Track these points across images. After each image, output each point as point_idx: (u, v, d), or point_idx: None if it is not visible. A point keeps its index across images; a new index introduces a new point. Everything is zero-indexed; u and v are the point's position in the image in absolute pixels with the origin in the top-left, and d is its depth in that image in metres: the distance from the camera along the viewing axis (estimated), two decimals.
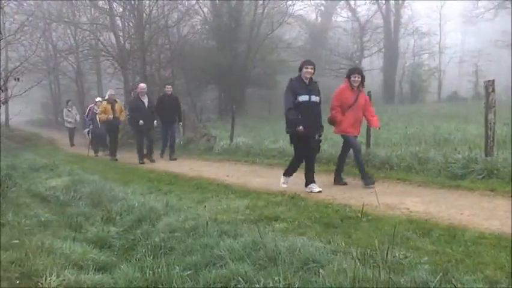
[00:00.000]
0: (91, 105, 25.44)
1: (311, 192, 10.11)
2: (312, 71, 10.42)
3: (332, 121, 11.12)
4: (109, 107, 19.63)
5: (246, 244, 5.72)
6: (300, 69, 10.45)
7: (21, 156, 19.60)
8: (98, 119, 21.47)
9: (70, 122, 29.86)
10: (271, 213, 7.87)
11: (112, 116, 19.58)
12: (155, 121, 18.64)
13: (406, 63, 50.76)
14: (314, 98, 10.38)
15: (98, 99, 24.09)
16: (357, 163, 11.13)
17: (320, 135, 10.73)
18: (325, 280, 4.55)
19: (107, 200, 9.49)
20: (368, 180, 10.57)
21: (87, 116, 25.36)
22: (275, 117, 29.28)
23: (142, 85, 18.63)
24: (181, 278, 5.06)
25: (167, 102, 18.59)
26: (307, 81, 10.36)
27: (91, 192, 10.09)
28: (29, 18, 23.26)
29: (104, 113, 19.66)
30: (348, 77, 11.08)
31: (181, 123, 20.42)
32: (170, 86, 19.51)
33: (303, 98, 10.17)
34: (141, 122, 17.68)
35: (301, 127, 9.96)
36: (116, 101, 20.22)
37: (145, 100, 18.09)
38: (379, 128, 12.13)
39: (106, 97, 20.44)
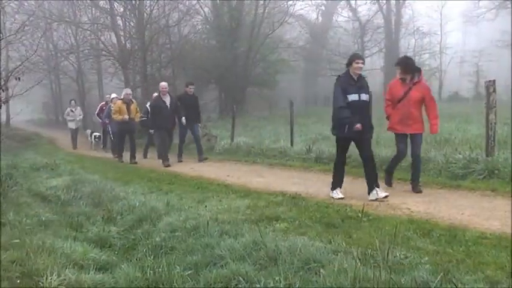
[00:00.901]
0: (102, 103, 25.31)
1: (377, 200, 8.96)
2: (363, 65, 9.53)
3: (386, 116, 10.40)
4: (124, 107, 18.36)
5: (246, 244, 5.72)
6: (349, 64, 9.47)
7: (22, 156, 19.61)
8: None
9: (72, 122, 27.84)
10: (272, 213, 7.87)
11: (128, 116, 18.30)
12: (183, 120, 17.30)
13: None
14: (364, 97, 9.50)
15: (114, 95, 23.00)
16: (389, 167, 10.55)
17: (370, 137, 9.83)
18: (326, 280, 4.55)
19: (108, 200, 9.49)
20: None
21: (98, 114, 25.23)
22: (276, 117, 29.30)
23: (163, 84, 17.50)
24: (181, 278, 5.06)
25: (187, 101, 17.56)
26: (356, 78, 9.45)
27: (92, 192, 10.09)
28: (30, 18, 23.21)
29: (119, 113, 18.39)
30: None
31: (200, 125, 18.84)
32: (192, 86, 18.36)
33: (353, 97, 9.30)
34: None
35: (359, 125, 9.13)
36: (133, 101, 19.05)
37: (167, 100, 17.03)
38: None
39: (122, 96, 19.16)
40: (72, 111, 27.74)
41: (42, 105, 54.94)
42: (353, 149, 10.01)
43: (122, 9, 33.94)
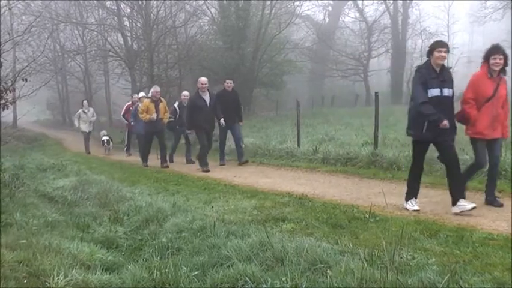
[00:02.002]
0: (128, 103, 23.41)
1: (462, 212, 7.77)
2: (446, 54, 8.21)
3: (464, 119, 8.87)
4: (153, 106, 16.77)
5: (253, 244, 5.72)
6: (430, 54, 8.27)
7: (29, 156, 19.63)
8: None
9: (85, 125, 25.12)
10: (279, 213, 7.87)
11: (156, 116, 16.70)
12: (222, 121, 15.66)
13: (414, 64, 50.56)
14: (447, 92, 8.35)
15: (142, 93, 21.45)
16: (490, 176, 8.83)
17: (452, 139, 8.56)
18: (332, 281, 4.55)
19: (114, 200, 9.50)
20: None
21: (123, 115, 23.24)
22: (282, 118, 29.29)
23: (203, 79, 15.69)
24: (188, 278, 5.06)
25: (226, 99, 15.95)
26: (438, 70, 8.26)
27: (99, 193, 10.10)
28: (36, 19, 23.34)
29: (147, 113, 16.77)
30: (487, 59, 8.75)
31: (241, 123, 16.75)
32: (231, 81, 16.71)
33: (434, 92, 8.13)
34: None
35: (445, 121, 7.92)
36: (161, 100, 17.33)
37: (206, 97, 15.38)
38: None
39: (150, 94, 17.68)
40: (84, 112, 25.24)
41: (47, 106, 54.83)
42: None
43: (129, 10, 34.09)
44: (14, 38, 14.98)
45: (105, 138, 24.51)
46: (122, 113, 24.03)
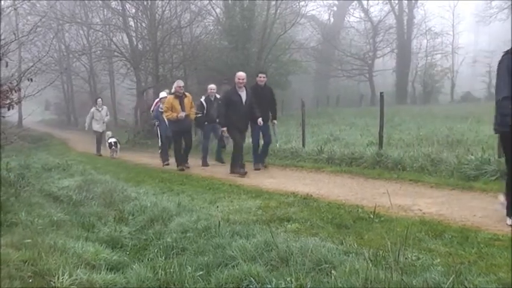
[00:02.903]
0: (157, 99, 19.80)
1: None
2: None
3: None
4: (177, 102, 15.41)
5: (258, 244, 5.72)
6: None
7: (34, 156, 19.68)
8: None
9: (98, 124, 23.72)
10: (284, 213, 7.86)
11: (184, 113, 15.36)
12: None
13: (419, 64, 50.72)
14: None
15: (163, 93, 19.10)
16: None
17: None
18: (337, 281, 4.54)
19: (119, 200, 9.52)
20: None
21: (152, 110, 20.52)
22: (287, 118, 29.27)
23: (241, 74, 14.12)
24: (193, 278, 5.07)
25: (259, 95, 14.56)
26: None
27: (104, 192, 10.11)
28: (42, 19, 23.37)
29: (172, 111, 15.41)
30: None
31: (275, 122, 15.38)
32: (264, 75, 15.18)
33: None
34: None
35: None
36: (186, 95, 15.86)
37: (243, 94, 13.90)
38: None
39: (173, 90, 16.02)
40: (98, 110, 23.73)
41: (45, 106, 54.71)
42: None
43: (134, 10, 34.19)
44: (20, 38, 15.00)
45: (112, 140, 22.40)
46: (152, 109, 20.95)
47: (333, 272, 4.77)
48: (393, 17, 49.18)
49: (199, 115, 16.53)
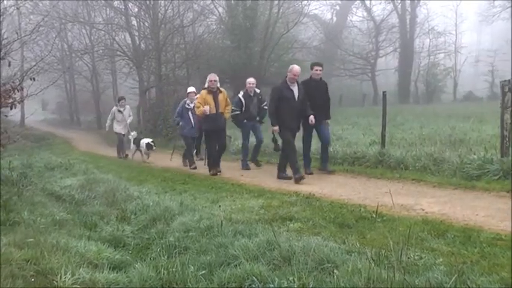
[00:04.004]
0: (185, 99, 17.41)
1: None
2: None
3: None
4: (210, 98, 13.81)
5: (260, 244, 5.72)
6: None
7: (36, 155, 19.69)
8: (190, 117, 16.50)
9: (121, 126, 21.46)
10: (286, 213, 7.86)
11: (215, 110, 13.78)
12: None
13: (421, 63, 50.69)
14: None
15: (191, 89, 17.97)
16: None
17: None
18: (339, 280, 4.55)
19: (122, 199, 9.53)
20: None
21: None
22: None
23: (296, 68, 12.44)
24: (195, 278, 5.07)
25: (313, 90, 12.97)
26: None
27: (106, 191, 10.12)
28: (44, 19, 23.31)
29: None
30: None
31: (328, 121, 13.61)
32: (320, 67, 13.35)
33: None
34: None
35: None
36: (221, 90, 14.22)
37: (295, 89, 12.36)
38: None
39: (206, 85, 14.27)
40: (120, 111, 21.34)
41: (42, 106, 54.69)
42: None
43: (136, 10, 34.22)
44: (22, 37, 15.03)
45: (148, 141, 19.41)
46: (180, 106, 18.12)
47: (335, 271, 4.78)
48: (396, 16, 49.11)
49: (237, 112, 15.11)
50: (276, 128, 12.30)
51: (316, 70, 13.12)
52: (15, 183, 9.99)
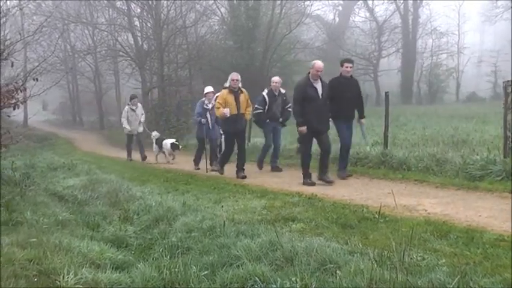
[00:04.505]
0: (218, 94, 15.13)
1: None
2: None
3: None
4: (232, 98, 13.14)
5: (263, 244, 5.72)
6: None
7: (39, 156, 19.71)
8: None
9: (133, 124, 20.40)
10: (289, 213, 7.86)
11: (236, 110, 13.14)
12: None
13: (424, 64, 50.60)
14: None
15: (209, 88, 16.69)
16: None
17: None
18: (342, 281, 4.55)
19: (124, 200, 9.55)
20: None
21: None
22: (292, 118, 29.28)
23: (319, 64, 11.67)
24: (198, 278, 5.08)
25: (343, 88, 12.09)
26: None
27: (109, 192, 10.14)
28: (47, 19, 23.37)
29: (224, 108, 13.12)
30: None
31: (363, 121, 12.74)
32: (351, 64, 12.55)
33: None
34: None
35: None
36: (242, 91, 13.47)
37: (318, 86, 11.49)
38: None
39: (227, 84, 13.54)
40: (132, 110, 20.41)
41: (42, 106, 54.66)
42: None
43: (139, 10, 34.24)
44: (25, 38, 15.07)
45: (172, 141, 18.66)
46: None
47: (338, 272, 4.78)
48: (399, 16, 49.08)
49: (260, 111, 14.39)
50: (304, 128, 11.49)
51: (347, 67, 12.29)
52: (18, 184, 10.01)
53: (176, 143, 18.29)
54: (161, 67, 32.17)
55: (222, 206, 8.61)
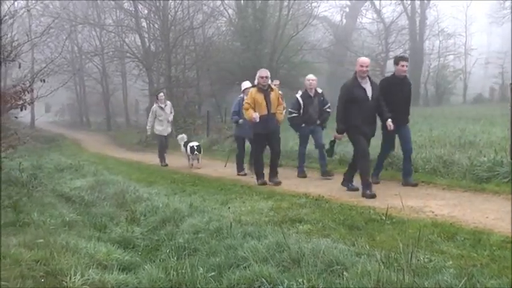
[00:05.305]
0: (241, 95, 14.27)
1: None
2: None
3: None
4: (261, 97, 11.93)
5: (269, 246, 5.73)
6: None
7: (46, 157, 19.75)
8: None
9: (162, 125, 18.18)
10: (295, 215, 7.87)
11: (266, 110, 11.94)
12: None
13: (431, 65, 50.43)
14: None
15: (246, 83, 14.46)
16: None
17: None
18: (349, 282, 4.55)
19: (131, 201, 9.57)
20: None
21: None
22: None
23: (364, 60, 10.74)
24: (205, 279, 5.08)
25: (397, 89, 10.93)
26: None
27: (116, 193, 10.16)
28: (55, 20, 23.44)
29: (254, 108, 11.96)
30: None
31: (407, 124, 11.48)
32: (407, 62, 11.21)
33: None
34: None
35: None
36: (273, 89, 12.25)
37: (367, 86, 10.34)
38: None
39: (256, 81, 12.31)
40: (161, 108, 18.17)
41: (45, 108, 54.74)
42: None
43: (146, 11, 34.28)
44: (33, 39, 15.10)
45: (194, 144, 16.90)
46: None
47: (345, 273, 4.78)
48: (406, 18, 48.94)
49: (294, 115, 13.13)
50: (340, 136, 10.69)
51: (403, 66, 11.00)
52: (25, 185, 10.05)
53: (195, 146, 16.53)
54: (169, 68, 32.21)
55: (229, 208, 8.63)
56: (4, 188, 9.32)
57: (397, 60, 11.24)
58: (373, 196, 9.66)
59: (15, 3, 14.67)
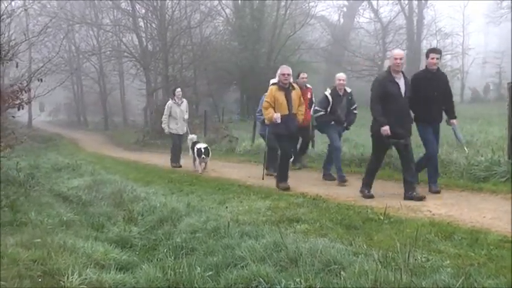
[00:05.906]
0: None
1: None
2: None
3: None
4: (282, 95, 11.00)
5: (267, 245, 5.73)
6: None
7: (44, 156, 19.74)
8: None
9: (177, 124, 16.56)
10: (293, 214, 7.86)
11: (287, 110, 11.00)
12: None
13: None
14: None
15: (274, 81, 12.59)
16: None
17: None
18: (346, 282, 4.55)
19: (128, 200, 9.56)
20: None
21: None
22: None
23: (398, 52, 10.10)
24: (202, 279, 5.08)
25: (431, 83, 9.98)
26: None
27: (113, 192, 10.15)
28: (52, 20, 23.42)
29: (274, 107, 11.06)
30: None
31: (454, 121, 10.44)
32: (438, 55, 10.11)
33: None
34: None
35: None
36: (294, 87, 11.32)
37: (401, 82, 9.58)
38: None
39: (276, 79, 11.42)
40: (177, 104, 16.65)
41: (39, 107, 54.68)
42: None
43: (144, 11, 34.30)
44: (30, 38, 15.11)
45: (202, 146, 14.75)
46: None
47: (342, 273, 4.78)
48: (403, 17, 48.97)
49: (321, 113, 12.15)
50: (386, 128, 9.36)
51: (433, 59, 9.98)
52: (22, 184, 10.03)
53: (203, 149, 14.49)
54: (166, 68, 32.25)
55: (227, 207, 8.63)
56: (2, 187, 9.31)
57: (428, 53, 10.30)
58: (371, 196, 9.47)
59: (13, 2, 14.69)
